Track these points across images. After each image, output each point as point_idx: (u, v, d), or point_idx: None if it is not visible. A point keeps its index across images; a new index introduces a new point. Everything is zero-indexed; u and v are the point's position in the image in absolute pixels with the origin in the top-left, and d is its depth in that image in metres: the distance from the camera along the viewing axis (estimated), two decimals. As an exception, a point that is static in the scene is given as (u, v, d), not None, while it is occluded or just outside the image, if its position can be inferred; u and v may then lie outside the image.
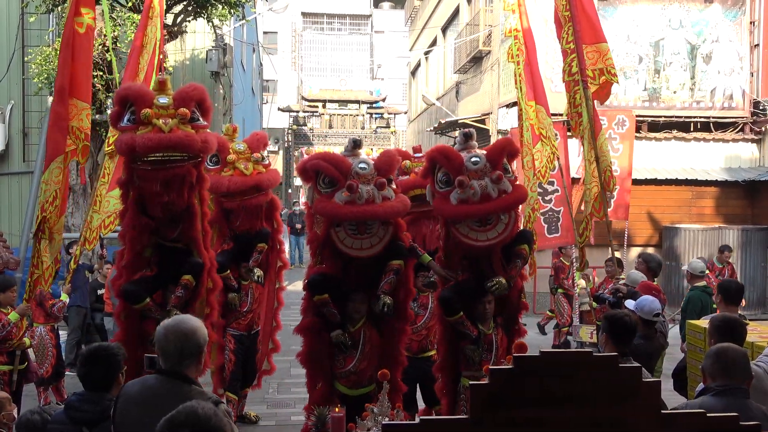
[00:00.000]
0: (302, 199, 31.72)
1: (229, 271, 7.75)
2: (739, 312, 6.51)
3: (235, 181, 7.55)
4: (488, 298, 5.82)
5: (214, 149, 6.21)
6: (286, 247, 18.25)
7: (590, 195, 7.83)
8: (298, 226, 21.02)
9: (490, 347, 5.87)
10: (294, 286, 17.01)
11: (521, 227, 6.49)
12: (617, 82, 7.80)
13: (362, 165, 5.86)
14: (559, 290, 12.07)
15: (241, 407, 8.30)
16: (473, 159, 5.60)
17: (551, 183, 10.57)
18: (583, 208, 8.09)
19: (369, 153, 6.87)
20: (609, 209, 12.11)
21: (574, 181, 12.45)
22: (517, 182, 5.86)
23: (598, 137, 7.82)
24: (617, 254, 9.11)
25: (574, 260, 10.82)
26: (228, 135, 8.04)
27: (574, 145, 15.28)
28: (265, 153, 8.19)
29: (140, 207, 5.90)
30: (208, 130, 6.05)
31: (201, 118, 5.91)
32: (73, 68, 6.90)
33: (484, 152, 5.74)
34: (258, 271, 7.98)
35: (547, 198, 10.84)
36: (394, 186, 6.10)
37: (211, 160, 7.52)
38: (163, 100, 5.72)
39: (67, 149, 6.87)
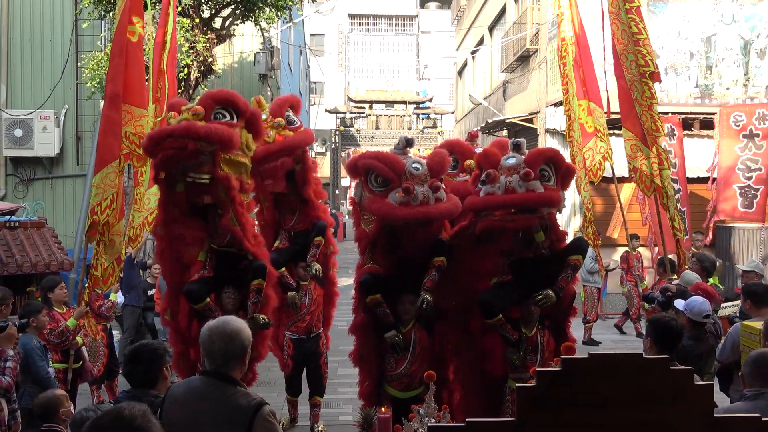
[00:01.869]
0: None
1: (285, 269, 7.65)
2: None
3: (257, 153, 6.75)
4: (534, 300, 5.80)
5: (237, 143, 5.96)
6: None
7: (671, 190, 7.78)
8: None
9: (535, 349, 5.83)
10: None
11: (571, 232, 6.42)
12: None
13: (416, 165, 5.82)
14: None
15: (314, 416, 7.97)
16: (509, 159, 5.68)
17: (674, 181, 10.38)
18: (669, 204, 7.99)
19: (416, 153, 6.75)
20: (752, 210, 12.41)
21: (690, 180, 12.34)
22: (558, 191, 5.77)
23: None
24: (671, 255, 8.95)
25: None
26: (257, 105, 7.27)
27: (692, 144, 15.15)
28: (290, 115, 7.64)
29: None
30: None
31: (235, 117, 5.96)
32: (126, 75, 7.00)
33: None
34: (316, 265, 7.72)
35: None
36: (443, 186, 6.03)
37: None
38: (191, 104, 5.90)
39: (123, 152, 6.97)
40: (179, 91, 11.83)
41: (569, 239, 6.32)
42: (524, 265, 5.90)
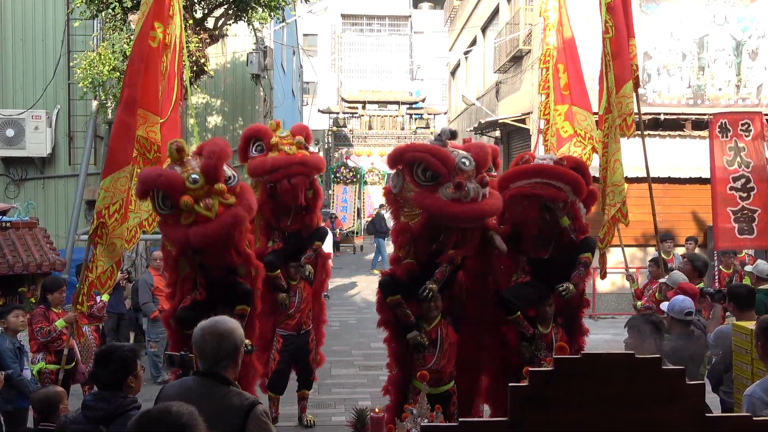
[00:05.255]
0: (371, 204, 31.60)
1: (279, 271, 7.81)
2: None
3: (279, 158, 7.54)
4: (550, 302, 6.15)
5: (255, 209, 6.16)
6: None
7: (617, 198, 7.71)
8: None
9: (550, 346, 6.17)
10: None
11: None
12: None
13: (464, 160, 5.79)
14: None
15: (302, 408, 8.38)
16: (544, 157, 6.37)
17: (746, 178, 10.03)
18: (606, 211, 7.94)
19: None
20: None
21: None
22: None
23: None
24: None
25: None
26: (272, 129, 8.00)
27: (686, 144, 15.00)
28: (304, 141, 8.10)
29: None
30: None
31: (233, 175, 5.87)
32: (144, 81, 6.94)
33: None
34: (309, 267, 8.00)
35: (744, 195, 10.19)
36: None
37: (256, 148, 7.72)
38: (195, 177, 5.56)
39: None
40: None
41: None
42: (541, 265, 6.23)
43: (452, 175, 5.72)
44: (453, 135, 6.04)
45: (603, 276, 8.25)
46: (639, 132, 8.28)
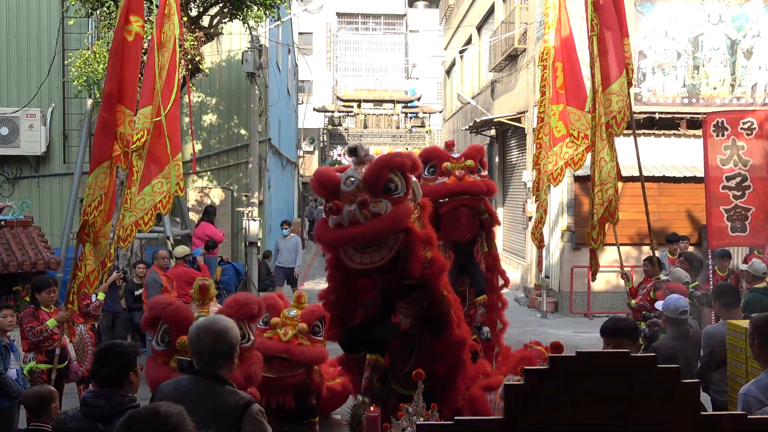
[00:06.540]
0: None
1: None
2: None
3: (266, 345, 6.41)
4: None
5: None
6: None
7: (604, 197, 7.70)
8: None
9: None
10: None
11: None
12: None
13: (350, 180, 5.41)
14: None
15: None
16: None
17: (742, 177, 10.09)
18: (594, 211, 7.93)
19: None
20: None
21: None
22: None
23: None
24: (657, 253, 8.98)
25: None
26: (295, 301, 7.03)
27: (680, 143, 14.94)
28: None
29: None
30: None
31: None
32: (121, 75, 6.93)
33: None
34: None
35: (738, 194, 10.14)
36: (399, 193, 5.43)
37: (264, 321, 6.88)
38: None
39: (113, 154, 6.90)
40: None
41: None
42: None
43: (340, 198, 5.37)
44: (350, 152, 5.66)
45: (594, 277, 8.25)
46: (631, 131, 8.30)
